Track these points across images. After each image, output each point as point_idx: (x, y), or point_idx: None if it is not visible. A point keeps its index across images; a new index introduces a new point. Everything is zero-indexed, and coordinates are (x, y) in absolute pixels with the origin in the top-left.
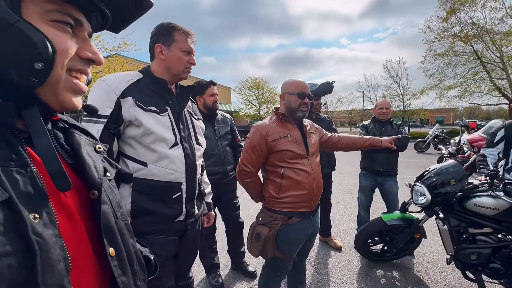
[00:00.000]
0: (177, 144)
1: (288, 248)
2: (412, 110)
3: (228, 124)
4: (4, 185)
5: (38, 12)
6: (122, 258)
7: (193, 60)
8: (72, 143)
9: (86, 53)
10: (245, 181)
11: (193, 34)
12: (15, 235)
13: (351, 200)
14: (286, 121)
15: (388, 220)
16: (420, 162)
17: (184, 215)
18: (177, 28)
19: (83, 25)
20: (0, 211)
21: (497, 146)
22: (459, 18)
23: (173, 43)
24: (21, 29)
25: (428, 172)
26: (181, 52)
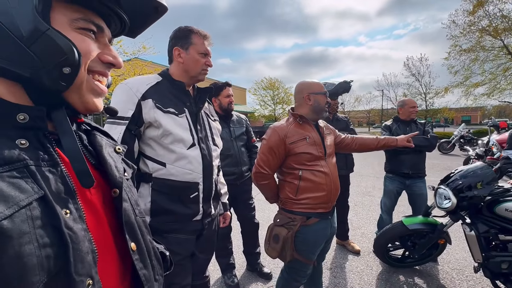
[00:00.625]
0: (194, 145)
1: (307, 250)
2: (436, 109)
3: (243, 125)
4: (39, 183)
5: (65, 21)
6: (143, 252)
7: (210, 62)
8: (95, 144)
9: (107, 57)
10: (261, 183)
11: (210, 36)
12: (51, 228)
13: (370, 203)
14: (304, 122)
15: (409, 224)
16: (444, 164)
17: (201, 214)
18: (194, 31)
19: (104, 31)
20: (37, 207)
21: None
22: (487, 11)
23: (191, 46)
24: (51, 36)
25: (453, 175)
26: (198, 55)
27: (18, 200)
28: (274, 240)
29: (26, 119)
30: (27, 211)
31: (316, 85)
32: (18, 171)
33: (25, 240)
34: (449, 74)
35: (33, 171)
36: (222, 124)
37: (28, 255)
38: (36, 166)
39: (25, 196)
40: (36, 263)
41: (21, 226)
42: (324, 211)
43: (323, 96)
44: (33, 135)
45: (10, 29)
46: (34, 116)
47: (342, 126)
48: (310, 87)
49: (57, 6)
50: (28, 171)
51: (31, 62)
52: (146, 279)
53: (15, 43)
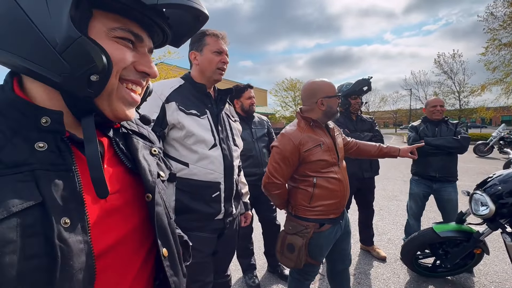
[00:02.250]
0: (216, 145)
1: (318, 254)
2: (471, 109)
3: (265, 126)
4: (41, 189)
5: (103, 30)
6: (174, 258)
7: (225, 59)
8: (131, 147)
9: (141, 66)
10: (273, 193)
11: (224, 35)
12: (43, 239)
13: (397, 208)
14: (316, 126)
15: (441, 231)
16: (481, 168)
17: (222, 213)
18: (207, 33)
19: (143, 41)
20: (32, 214)
21: None
22: None
23: (204, 47)
24: (82, 44)
25: (491, 179)
26: (212, 53)
27: (10, 206)
28: (289, 250)
29: (48, 122)
30: (18, 219)
31: (328, 87)
32: (23, 175)
33: (8, 250)
34: (487, 71)
35: (39, 175)
36: (244, 126)
37: (8, 266)
38: (44, 171)
39: (20, 202)
40: (15, 275)
41: (6, 234)
42: (335, 216)
43: (336, 99)
44: (52, 139)
45: (46, 36)
46: (55, 120)
47: (367, 127)
48: (323, 91)
49: (97, 15)
50: (34, 175)
51: (62, 68)
52: (176, 286)
53: (48, 49)
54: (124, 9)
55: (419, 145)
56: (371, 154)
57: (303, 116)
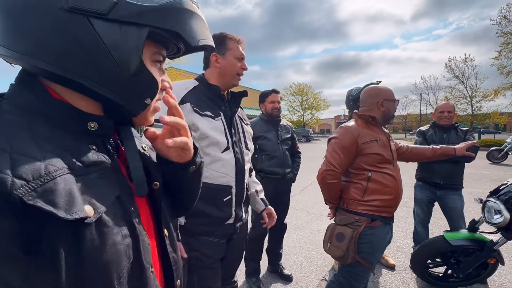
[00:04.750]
0: (228, 148)
1: (370, 254)
2: (484, 114)
3: (289, 131)
4: (114, 184)
5: (148, 55)
6: (172, 237)
7: (245, 66)
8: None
9: (165, 84)
10: (330, 182)
11: (244, 40)
12: (126, 223)
13: (406, 214)
14: (373, 125)
15: (452, 240)
16: (494, 175)
17: (233, 218)
18: (229, 37)
19: (164, 60)
20: (117, 204)
21: None
22: None
23: (227, 51)
24: (147, 74)
25: (506, 186)
26: (235, 59)
27: (109, 197)
28: (338, 239)
29: (96, 127)
30: (113, 209)
31: (390, 92)
32: (98, 174)
33: (115, 231)
34: (500, 75)
35: (109, 173)
36: (270, 128)
37: (119, 244)
38: (105, 170)
39: (110, 195)
40: (122, 250)
41: (113, 219)
42: (387, 215)
43: (394, 104)
44: (100, 142)
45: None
46: (104, 125)
47: None
48: (385, 94)
49: (146, 43)
50: (107, 172)
51: (126, 92)
52: (175, 261)
53: (117, 78)
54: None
55: (473, 142)
56: (426, 156)
57: (360, 115)
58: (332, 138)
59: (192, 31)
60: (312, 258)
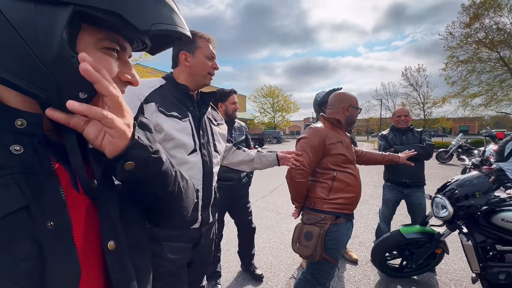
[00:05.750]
0: (196, 151)
1: (335, 250)
2: (434, 119)
3: (243, 132)
4: (25, 192)
5: (92, 41)
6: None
7: (216, 65)
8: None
9: (126, 76)
10: (299, 181)
11: (214, 39)
12: (32, 241)
13: (368, 211)
14: (338, 127)
15: (407, 233)
16: (442, 173)
17: (199, 222)
18: (199, 35)
19: (126, 50)
20: (20, 217)
21: (510, 160)
22: (483, 24)
23: (197, 50)
24: (74, 64)
25: (450, 184)
26: (205, 58)
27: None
28: (306, 238)
29: (24, 124)
30: (7, 222)
31: (355, 100)
32: (5, 178)
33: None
34: (447, 85)
35: (21, 179)
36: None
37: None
38: (25, 174)
39: (7, 205)
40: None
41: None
42: (349, 212)
43: (357, 111)
44: (29, 142)
45: (37, 54)
46: (31, 122)
47: None
48: (351, 101)
49: (86, 27)
50: (16, 179)
51: (51, 85)
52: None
53: (38, 67)
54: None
55: (412, 153)
56: (377, 161)
57: (326, 117)
58: (301, 138)
59: (144, 12)
60: (282, 257)
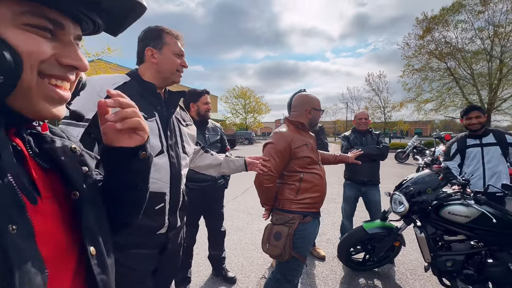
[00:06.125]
0: (163, 152)
1: (303, 247)
2: (393, 122)
3: (218, 133)
4: None
5: (8, 15)
6: (102, 256)
7: (185, 63)
8: (47, 147)
9: (66, 60)
10: (267, 186)
11: (182, 36)
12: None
13: (335, 209)
14: (303, 130)
15: (369, 229)
16: (400, 172)
17: (166, 227)
18: (166, 31)
19: (65, 29)
20: None
21: (454, 159)
22: (434, 37)
23: (164, 46)
24: None
25: (406, 181)
26: (173, 55)
27: None
28: (275, 238)
29: None
30: None
31: (318, 102)
32: None
33: None
34: (404, 91)
35: None
36: (197, 131)
37: None
38: None
39: None
40: None
41: None
42: (316, 211)
43: (319, 113)
44: None
45: None
46: None
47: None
48: (314, 103)
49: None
50: None
51: None
52: (103, 284)
53: None
54: None
55: (358, 153)
56: (330, 161)
57: (291, 121)
58: (267, 143)
59: None
60: (253, 258)
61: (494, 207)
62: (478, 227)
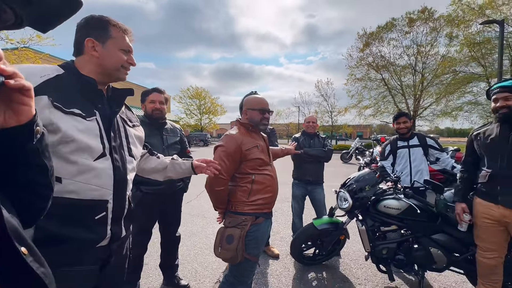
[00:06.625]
0: (104, 155)
1: (256, 248)
2: (339, 125)
3: (177, 134)
4: None
5: None
6: (35, 252)
7: (133, 60)
8: None
9: None
10: (218, 189)
11: (131, 31)
12: None
13: (288, 208)
14: (253, 131)
15: (318, 225)
16: (346, 171)
17: (108, 239)
18: (113, 23)
19: None
20: None
21: (388, 159)
22: (371, 51)
23: (109, 40)
24: None
25: (349, 180)
26: (119, 50)
27: None
28: (227, 241)
29: None
30: None
31: (254, 102)
32: None
33: None
34: (348, 97)
35: None
36: (154, 132)
37: None
38: None
39: None
40: None
41: None
42: (268, 211)
43: (256, 112)
44: None
45: None
46: None
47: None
48: (248, 103)
49: None
50: None
51: None
52: (46, 275)
53: None
54: None
55: (293, 150)
56: (279, 155)
57: (241, 123)
58: (218, 146)
59: None
60: (207, 263)
61: (418, 199)
62: (407, 217)
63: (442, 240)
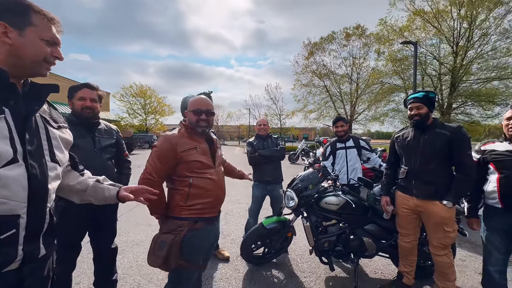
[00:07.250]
0: (16, 161)
1: (193, 254)
2: (287, 128)
3: (113, 136)
4: None
5: None
6: None
7: (60, 54)
8: None
9: None
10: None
11: (59, 21)
12: None
13: (239, 210)
14: (193, 133)
15: (267, 225)
16: (293, 171)
17: (20, 260)
18: (36, 9)
19: None
20: None
21: (329, 159)
22: (315, 59)
23: (30, 27)
24: None
25: (296, 179)
26: (41, 41)
27: None
28: (159, 248)
29: None
30: None
31: (190, 103)
32: None
33: None
34: (294, 101)
35: None
36: (83, 133)
37: None
38: None
39: None
40: None
41: None
42: (211, 215)
43: (191, 114)
44: None
45: None
46: None
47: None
48: (189, 105)
49: None
50: None
51: None
52: None
53: None
54: None
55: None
56: (233, 175)
57: (184, 124)
58: (153, 146)
59: None
60: (152, 274)
61: (353, 195)
62: (344, 212)
63: (373, 230)
